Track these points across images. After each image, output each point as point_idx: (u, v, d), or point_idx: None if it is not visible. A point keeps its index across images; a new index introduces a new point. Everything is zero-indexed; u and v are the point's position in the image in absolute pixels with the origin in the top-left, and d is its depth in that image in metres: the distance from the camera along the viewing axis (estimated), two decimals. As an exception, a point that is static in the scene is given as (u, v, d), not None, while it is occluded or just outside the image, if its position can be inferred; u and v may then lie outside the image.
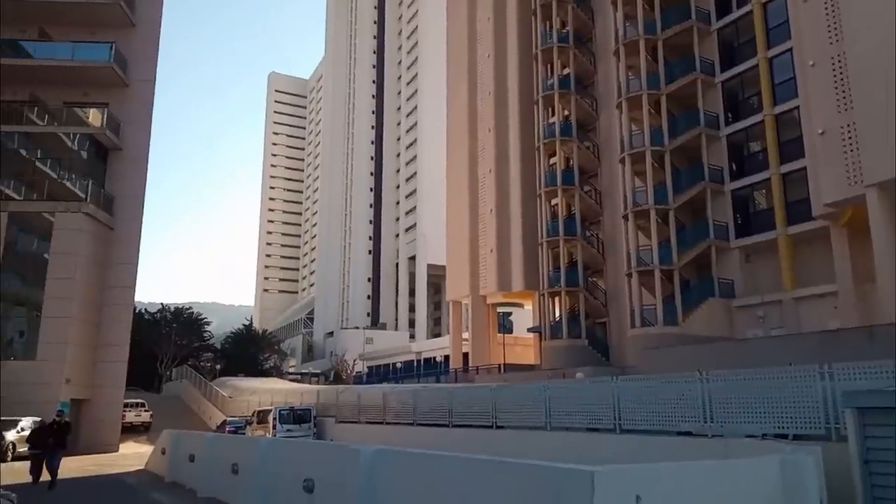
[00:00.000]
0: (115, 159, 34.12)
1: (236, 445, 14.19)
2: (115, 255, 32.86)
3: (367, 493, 7.15)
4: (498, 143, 45.99)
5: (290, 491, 9.25)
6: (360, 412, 26.06)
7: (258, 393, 42.33)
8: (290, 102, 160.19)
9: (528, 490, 4.81)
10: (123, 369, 32.55)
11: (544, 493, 4.62)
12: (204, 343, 74.83)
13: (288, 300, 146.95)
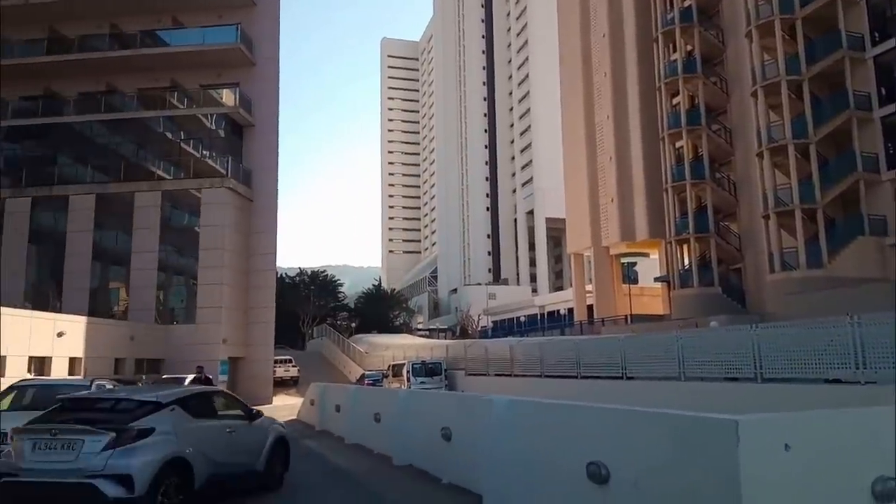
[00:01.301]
0: (249, 135, 36.45)
1: (377, 397, 15.09)
2: (256, 225, 35.42)
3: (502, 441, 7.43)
4: (615, 87, 44.17)
5: (430, 438, 9.76)
6: (488, 365, 26.73)
7: (391, 348, 44.43)
8: (403, 66, 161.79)
9: (668, 440, 4.82)
10: (271, 329, 35.37)
11: (685, 443, 4.61)
12: (339, 303, 79.21)
13: (412, 260, 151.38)
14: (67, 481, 6.33)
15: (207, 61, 35.60)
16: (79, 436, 6.55)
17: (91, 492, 6.26)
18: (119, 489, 6.32)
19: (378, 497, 8.77)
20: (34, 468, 6.47)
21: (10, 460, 6.67)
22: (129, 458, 6.47)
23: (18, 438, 6.77)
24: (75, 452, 6.45)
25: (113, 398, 8.03)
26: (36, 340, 22.64)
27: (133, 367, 28.25)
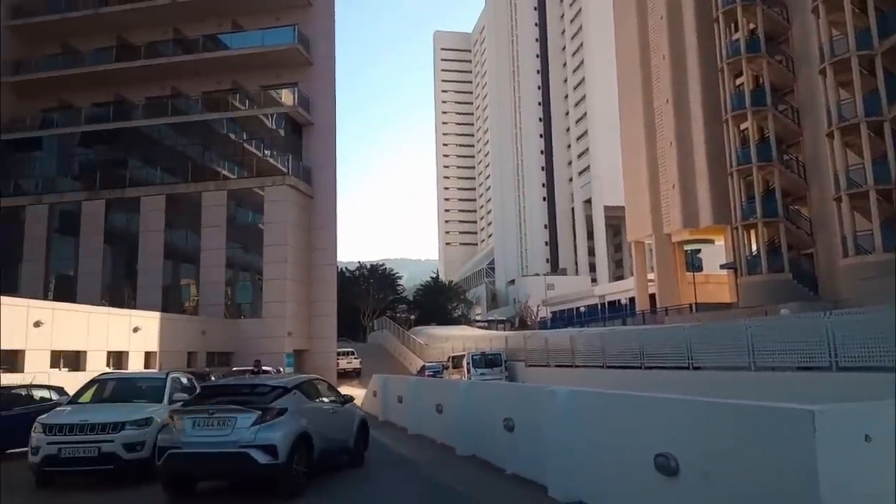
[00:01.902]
0: (308, 133, 37.25)
1: (438, 388, 15.20)
2: (317, 221, 36.22)
3: (565, 432, 7.40)
4: (674, 69, 42.94)
5: (492, 429, 9.80)
6: (549, 356, 26.58)
7: (450, 340, 44.71)
8: (456, 58, 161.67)
9: (740, 432, 4.71)
10: (333, 322, 36.15)
11: (758, 435, 4.50)
12: (398, 296, 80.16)
13: (469, 252, 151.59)
14: (226, 451, 7.69)
15: (267, 62, 36.51)
16: (232, 414, 7.88)
17: (246, 459, 7.61)
18: (266, 457, 7.64)
19: (444, 486, 8.89)
20: (194, 441, 7.79)
21: (172, 436, 7.96)
22: (273, 432, 7.79)
23: (178, 418, 8.06)
24: (230, 428, 7.78)
25: (249, 384, 9.39)
26: (113, 336, 23.83)
27: (205, 360, 29.39)
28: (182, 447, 7.78)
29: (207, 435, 7.80)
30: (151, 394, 10.60)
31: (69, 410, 9.92)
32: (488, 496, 7.95)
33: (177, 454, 7.79)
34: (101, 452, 9.01)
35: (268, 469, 7.69)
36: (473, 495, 8.10)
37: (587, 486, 6.96)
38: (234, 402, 8.19)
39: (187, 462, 7.84)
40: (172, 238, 35.55)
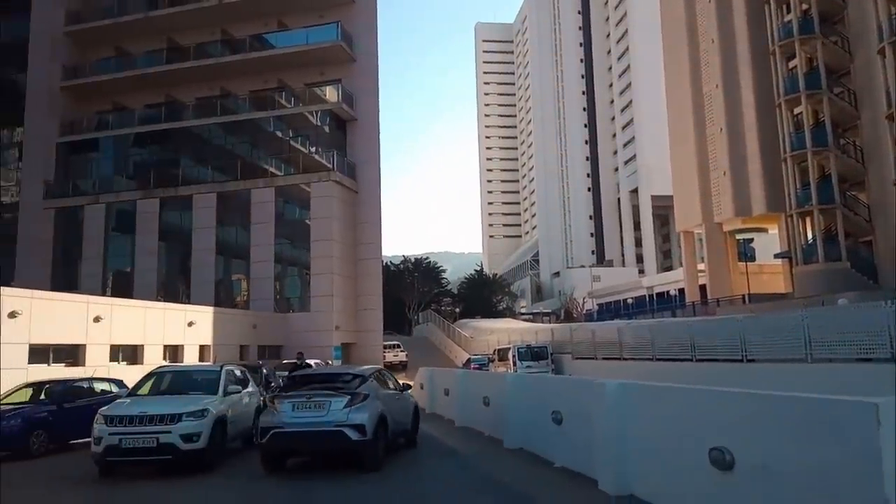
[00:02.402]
0: (352, 129, 37.64)
1: (484, 380, 15.20)
2: (362, 215, 36.62)
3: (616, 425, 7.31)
4: (723, 53, 41.73)
5: (540, 422, 9.76)
6: (596, 348, 26.29)
7: (495, 332, 44.65)
8: (498, 50, 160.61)
9: (799, 425, 4.57)
10: (379, 316, 36.54)
11: (818, 427, 4.36)
12: (442, 289, 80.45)
13: (513, 244, 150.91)
14: (323, 429, 9.04)
15: (311, 60, 37.00)
16: (327, 398, 9.26)
17: (341, 436, 8.99)
18: (357, 434, 9.01)
19: (492, 478, 8.90)
20: (295, 422, 9.09)
21: (274, 417, 9.22)
22: (361, 413, 9.15)
23: (278, 402, 9.41)
24: (325, 410, 9.13)
25: (333, 373, 11.20)
26: (169, 330, 24.60)
27: (256, 353, 30.07)
28: (284, 427, 9.04)
29: (306, 416, 9.12)
30: (206, 386, 10.90)
31: (129, 402, 10.28)
32: (538, 488, 7.93)
33: (280, 433, 9.06)
34: (160, 443, 9.32)
35: (358, 444, 9.06)
36: (523, 487, 8.08)
37: (638, 479, 6.86)
38: (326, 388, 9.58)
39: (290, 439, 9.12)
40: (223, 234, 36.46)
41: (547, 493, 7.61)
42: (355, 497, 8.13)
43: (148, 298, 31.30)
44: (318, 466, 9.99)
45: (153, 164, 39.42)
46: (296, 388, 9.76)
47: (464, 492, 8.06)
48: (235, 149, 38.48)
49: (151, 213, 36.85)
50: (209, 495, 8.68)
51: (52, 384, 13.88)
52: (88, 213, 37.87)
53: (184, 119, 38.55)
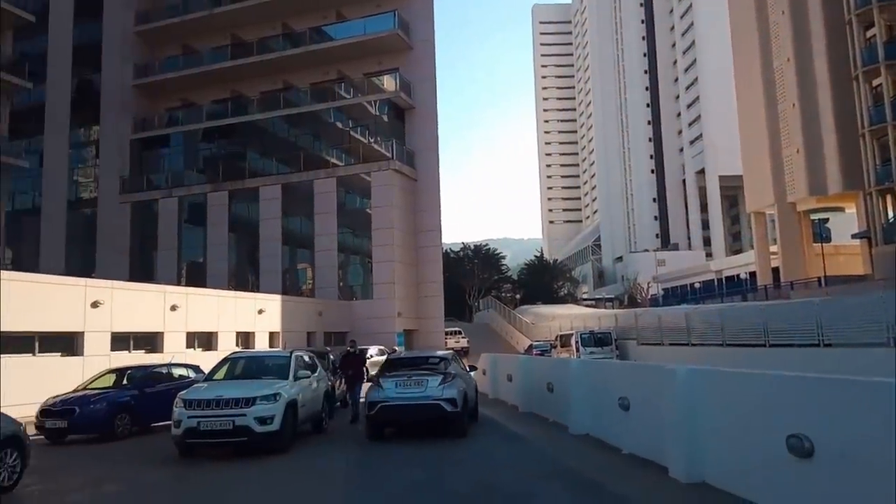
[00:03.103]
0: (410, 117, 37.86)
1: (548, 366, 15.09)
2: (421, 203, 36.87)
3: (686, 412, 7.16)
4: (795, 25, 39.71)
5: (606, 408, 9.65)
6: (662, 334, 25.70)
7: (557, 318, 44.20)
8: (556, 31, 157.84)
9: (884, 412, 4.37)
10: (440, 302, 36.82)
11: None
12: (502, 275, 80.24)
13: (573, 229, 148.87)
14: (423, 403, 10.87)
15: (369, 50, 37.35)
16: (425, 377, 11.19)
17: (438, 408, 10.84)
18: (451, 406, 10.88)
19: (559, 464, 8.87)
20: (398, 397, 10.95)
21: (381, 393, 11.05)
22: (452, 389, 11.00)
23: (383, 380, 11.23)
24: (424, 387, 10.98)
25: (422, 357, 13.24)
26: (241, 317, 25.50)
27: (322, 340, 30.83)
28: (390, 401, 10.90)
29: (408, 392, 10.97)
30: (278, 371, 11.27)
31: (206, 387, 10.72)
32: (607, 475, 7.86)
33: (387, 406, 10.91)
34: (236, 425, 9.70)
35: (450, 415, 10.90)
36: (591, 473, 8.03)
37: (711, 467, 6.73)
38: (422, 369, 11.71)
39: (395, 411, 10.97)
40: (288, 224, 37.42)
41: (616, 480, 7.53)
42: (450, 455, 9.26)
43: (220, 287, 32.54)
44: (408, 435, 11.45)
45: (221, 157, 40.78)
46: (394, 369, 11.77)
47: (532, 478, 8.06)
48: (298, 141, 39.35)
49: (221, 206, 38.15)
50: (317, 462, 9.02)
51: (134, 370, 14.62)
52: (162, 206, 39.54)
53: (249, 113, 39.64)
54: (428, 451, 10.39)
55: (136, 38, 41.65)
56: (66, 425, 12.39)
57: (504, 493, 7.34)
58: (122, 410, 12.94)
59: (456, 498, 7.09)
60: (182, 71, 40.63)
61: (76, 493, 8.14)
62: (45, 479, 8.82)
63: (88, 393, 13.22)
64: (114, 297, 19.26)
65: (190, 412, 9.83)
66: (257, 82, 39.81)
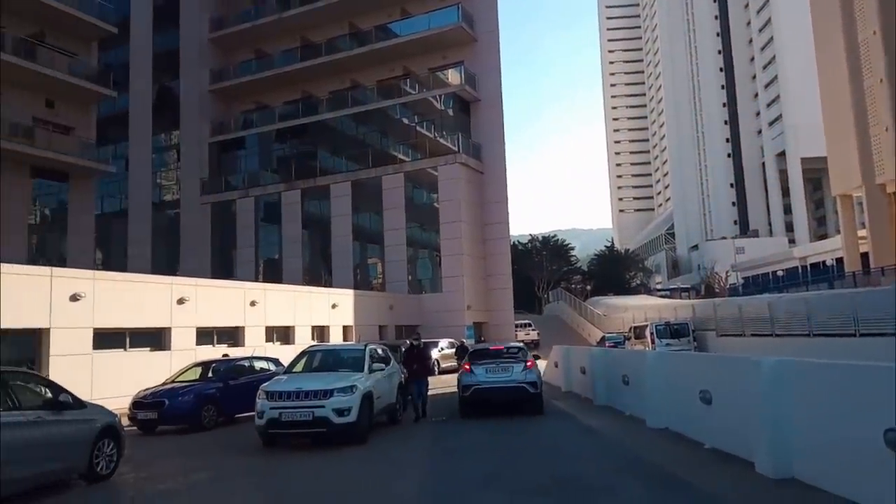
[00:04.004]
0: (476, 109, 37.80)
1: (623, 358, 14.81)
2: (488, 195, 36.80)
3: (773, 405, 6.90)
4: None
5: (686, 401, 9.38)
6: (743, 324, 24.77)
7: (630, 310, 43.31)
8: (623, 14, 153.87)
9: None
10: (509, 295, 36.69)
11: None
12: (571, 266, 79.13)
13: (645, 218, 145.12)
14: (510, 385, 13.01)
15: (433, 45, 37.50)
16: (510, 364, 13.33)
17: (522, 390, 13.03)
18: (533, 389, 13.07)
19: (638, 459, 8.70)
20: (489, 381, 13.09)
21: (473, 378, 13.15)
22: (532, 374, 13.25)
23: (474, 367, 13.28)
24: (510, 372, 13.16)
25: (503, 347, 14.85)
26: (315, 312, 26.21)
27: (394, 333, 31.31)
28: (482, 384, 13.05)
29: (496, 377, 13.14)
30: (353, 364, 11.54)
31: (286, 379, 11.09)
32: (690, 470, 7.64)
33: (479, 388, 13.04)
34: (315, 416, 10.01)
35: (532, 396, 13.14)
36: (673, 468, 7.83)
37: (801, 462, 6.46)
38: (507, 358, 13.67)
39: (486, 392, 13.05)
40: (359, 221, 38.13)
41: (701, 475, 7.30)
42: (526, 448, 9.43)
43: (294, 283, 33.55)
44: (484, 428, 12.04)
45: (294, 157, 41.96)
46: (481, 358, 13.74)
47: (610, 472, 7.93)
48: (366, 138, 39.99)
49: (294, 204, 39.27)
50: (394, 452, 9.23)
51: (218, 363, 15.27)
52: (240, 206, 41.06)
53: (318, 113, 40.57)
54: (503, 443, 10.41)
55: (211, 45, 43.32)
56: (156, 416, 13.10)
57: (581, 486, 7.26)
58: (208, 402, 13.54)
59: (532, 490, 7.06)
60: (255, 75, 41.98)
61: (169, 480, 8.59)
62: (139, 467, 9.35)
63: (176, 386, 13.92)
64: (197, 293, 20.17)
65: (272, 403, 10.20)
66: (326, 82, 40.69)
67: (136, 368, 17.35)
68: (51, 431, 7.35)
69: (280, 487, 7.97)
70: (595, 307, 50.29)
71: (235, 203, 41.28)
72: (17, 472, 6.84)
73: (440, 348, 28.70)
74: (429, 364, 14.78)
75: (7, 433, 6.69)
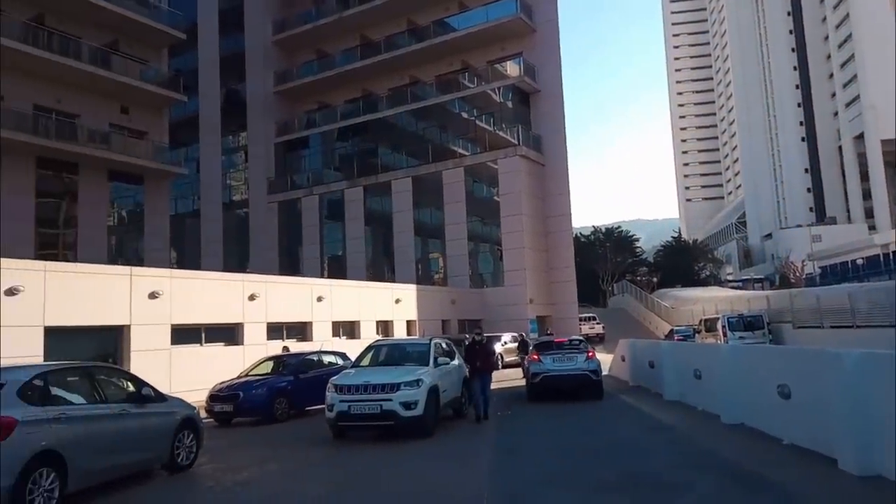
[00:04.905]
0: (535, 101, 37.40)
1: (694, 352, 14.43)
2: (550, 188, 36.39)
3: (858, 400, 6.57)
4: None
5: (763, 396, 9.08)
6: (822, 316, 23.63)
7: (700, 302, 41.99)
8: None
9: None
10: (573, 288, 36.21)
11: None
12: (637, 258, 77.41)
13: (713, 207, 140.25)
14: (575, 373, 14.79)
15: (491, 37, 37.29)
16: (574, 354, 15.12)
17: (586, 377, 14.79)
18: (595, 376, 14.90)
19: (714, 455, 8.44)
20: (556, 369, 14.82)
21: (542, 367, 14.86)
22: (594, 364, 15.02)
23: (542, 356, 15.03)
24: (574, 362, 14.90)
25: (566, 339, 16.69)
26: (379, 307, 26.57)
27: (456, 327, 31.42)
28: (549, 372, 14.76)
29: (562, 365, 14.87)
30: (418, 358, 11.66)
31: (354, 373, 11.31)
32: (768, 467, 7.35)
33: (547, 376, 14.74)
34: (383, 410, 10.17)
35: (595, 382, 14.88)
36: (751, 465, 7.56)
37: (888, 459, 6.11)
38: (570, 349, 15.40)
39: (553, 379, 14.74)
40: (420, 216, 38.40)
41: (780, 473, 7.02)
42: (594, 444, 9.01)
43: (358, 278, 34.15)
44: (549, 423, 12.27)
45: (355, 154, 42.62)
46: (547, 349, 15.40)
47: (685, 469, 7.71)
48: (426, 133, 40.19)
49: (357, 201, 39.90)
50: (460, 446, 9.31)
51: (288, 357, 15.70)
52: (305, 204, 42.04)
53: (379, 110, 41.04)
54: (571, 439, 10.30)
55: (275, 47, 44.43)
56: (232, 409, 13.59)
57: (655, 483, 7.09)
58: (280, 395, 13.95)
59: (603, 488, 6.94)
60: (317, 75, 42.80)
61: (245, 470, 8.89)
62: (217, 458, 9.72)
63: (250, 379, 14.39)
64: (267, 290, 20.77)
65: (341, 397, 10.43)
66: (386, 79, 41.10)
67: (212, 363, 18.02)
68: (135, 424, 7.73)
69: (349, 479, 8.13)
70: (662, 300, 49.04)
71: (300, 201, 42.27)
72: (106, 463, 7.22)
73: (503, 342, 28.59)
74: (492, 360, 13.39)
75: (96, 425, 7.07)
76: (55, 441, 6.43)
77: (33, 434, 6.24)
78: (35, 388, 6.64)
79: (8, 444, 5.94)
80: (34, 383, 6.67)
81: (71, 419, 6.76)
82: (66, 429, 6.63)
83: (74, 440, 6.66)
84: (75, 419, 6.82)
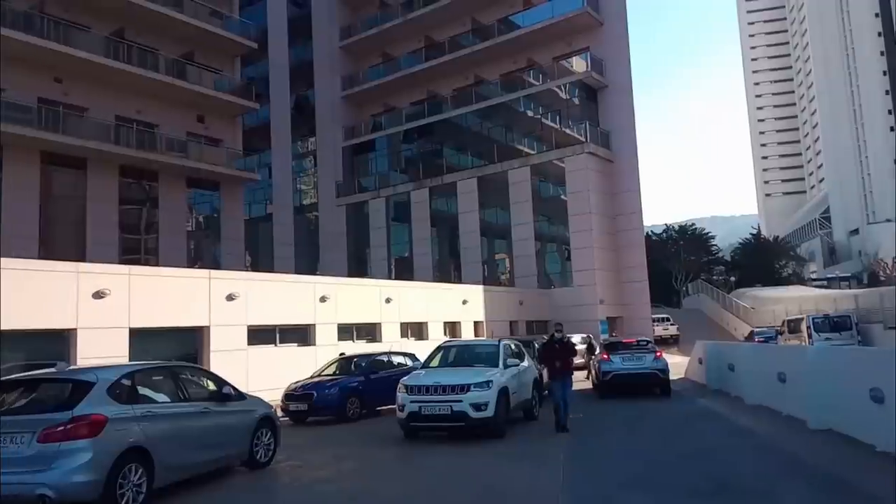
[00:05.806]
0: (604, 96, 36.61)
1: (778, 354, 13.83)
2: (619, 185, 35.55)
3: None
4: None
5: (854, 400, 8.61)
6: (918, 316, 22.15)
7: (781, 302, 40.21)
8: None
9: None
10: (645, 288, 35.24)
11: None
12: (712, 256, 74.70)
13: (794, 202, 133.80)
14: (643, 372, 15.81)
15: (557, 33, 36.77)
16: (643, 354, 16.18)
17: (654, 376, 15.83)
18: (662, 375, 15.90)
19: (801, 461, 8.00)
20: (625, 368, 15.91)
21: (612, 366, 15.92)
22: (661, 363, 16.08)
23: (612, 356, 16.11)
24: (643, 361, 15.94)
25: (633, 340, 17.80)
26: (447, 308, 26.62)
27: (524, 329, 31.14)
28: (620, 371, 15.81)
29: (631, 364, 15.93)
30: (488, 359, 11.58)
31: (424, 374, 11.36)
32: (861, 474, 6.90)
33: (617, 374, 15.78)
34: (454, 410, 10.16)
35: (663, 380, 15.89)
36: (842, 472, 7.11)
37: None
38: (638, 349, 16.38)
39: (623, 377, 15.79)
40: (486, 216, 38.28)
41: (875, 481, 6.57)
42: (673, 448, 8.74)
43: (425, 280, 34.34)
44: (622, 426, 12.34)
45: (421, 156, 42.94)
46: (616, 349, 16.42)
47: (771, 476, 7.34)
48: (491, 133, 40.04)
49: (423, 202, 40.18)
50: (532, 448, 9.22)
51: (360, 358, 15.95)
52: (372, 206, 42.68)
53: (443, 111, 41.18)
54: (649, 443, 10.00)
55: (341, 53, 45.32)
56: (306, 408, 13.92)
57: (740, 489, 6.78)
58: (352, 395, 14.19)
59: (685, 493, 6.68)
60: (383, 78, 43.37)
61: (321, 468, 9.06)
62: (293, 456, 9.94)
63: (323, 379, 14.71)
64: (338, 292, 21.18)
65: (412, 397, 10.49)
66: (450, 80, 41.21)
67: (285, 363, 18.50)
68: (217, 421, 7.99)
69: (424, 478, 8.16)
70: (741, 300, 47.15)
71: (367, 204, 42.93)
72: (190, 459, 7.49)
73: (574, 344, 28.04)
74: (573, 361, 11.81)
75: (180, 423, 7.35)
76: (142, 438, 6.71)
77: (122, 431, 6.54)
78: (123, 388, 6.95)
79: (99, 441, 6.24)
80: (122, 382, 6.99)
81: (157, 417, 7.05)
82: (152, 426, 6.91)
83: (160, 437, 6.94)
84: (161, 417, 7.11)
